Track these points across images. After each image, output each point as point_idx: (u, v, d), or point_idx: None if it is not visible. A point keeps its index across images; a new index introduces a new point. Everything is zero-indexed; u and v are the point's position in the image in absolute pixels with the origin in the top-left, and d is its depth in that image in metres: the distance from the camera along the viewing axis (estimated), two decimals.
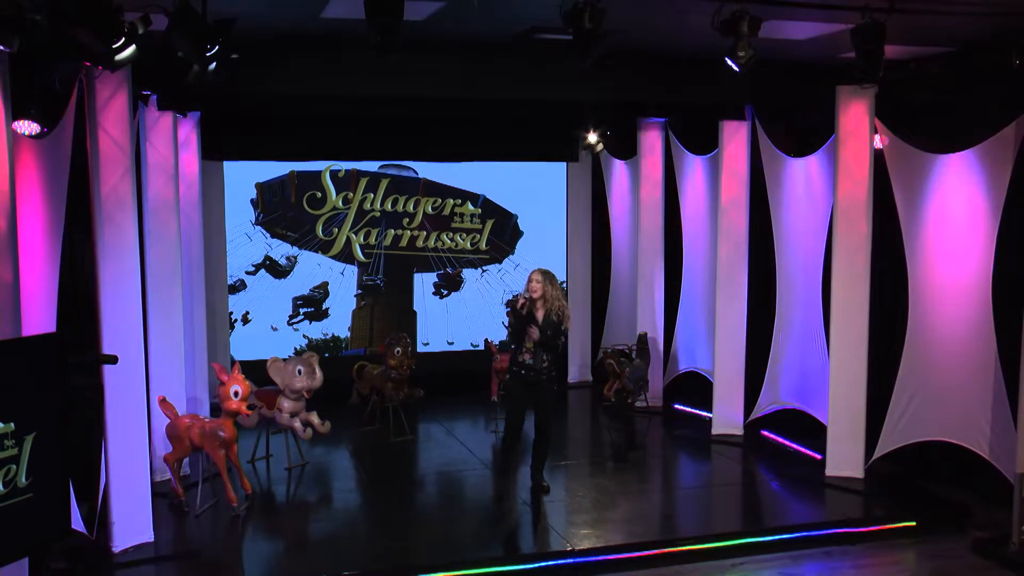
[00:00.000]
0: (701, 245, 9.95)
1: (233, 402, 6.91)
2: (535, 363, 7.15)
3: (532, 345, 7.16)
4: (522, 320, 7.11)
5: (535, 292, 7.13)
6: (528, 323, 7.09)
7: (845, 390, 7.65)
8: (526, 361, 7.18)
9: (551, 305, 7.15)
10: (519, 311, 7.12)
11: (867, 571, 6.42)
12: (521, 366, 7.21)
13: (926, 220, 7.37)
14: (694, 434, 9.26)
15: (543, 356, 7.18)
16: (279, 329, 11.12)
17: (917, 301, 7.47)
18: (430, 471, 8.47)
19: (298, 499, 7.65)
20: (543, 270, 7.28)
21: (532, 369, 7.19)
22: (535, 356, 7.17)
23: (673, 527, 7.00)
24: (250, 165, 10.80)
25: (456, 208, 11.51)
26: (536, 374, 7.20)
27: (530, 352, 7.18)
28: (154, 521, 6.43)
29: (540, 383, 7.24)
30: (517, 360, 7.25)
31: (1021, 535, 6.48)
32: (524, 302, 7.12)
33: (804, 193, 8.46)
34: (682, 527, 7.04)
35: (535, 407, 7.41)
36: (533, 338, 7.09)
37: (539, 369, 7.19)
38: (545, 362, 7.21)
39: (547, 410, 7.41)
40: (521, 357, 7.22)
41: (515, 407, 7.37)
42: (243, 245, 10.90)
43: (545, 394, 7.33)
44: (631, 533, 6.69)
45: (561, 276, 11.98)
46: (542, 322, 7.12)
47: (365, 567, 6.06)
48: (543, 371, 7.22)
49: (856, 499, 7.37)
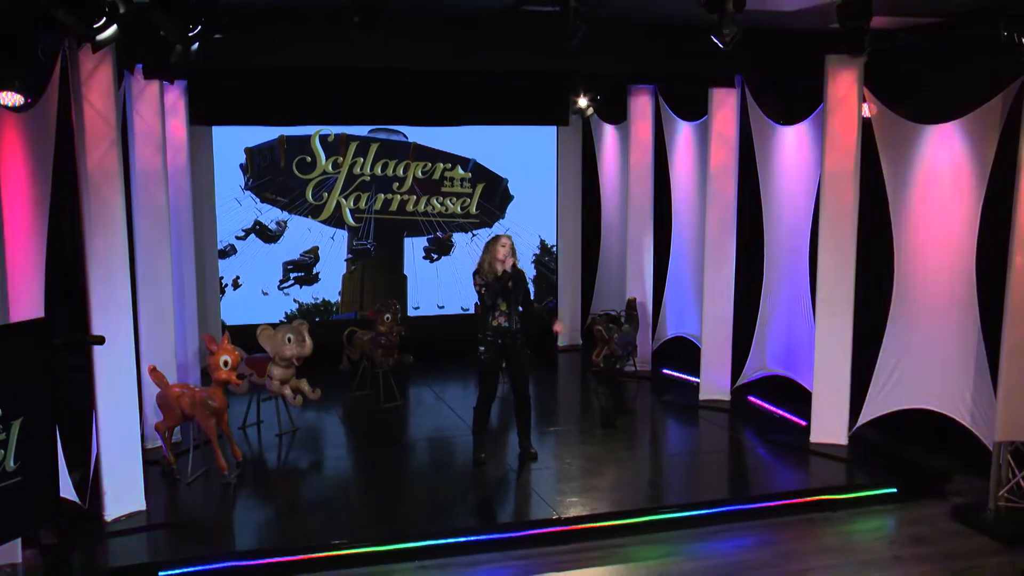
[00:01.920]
0: (690, 211, 9.97)
1: (223, 372, 6.96)
2: (510, 325, 7.21)
3: (505, 307, 7.21)
4: (502, 284, 7.12)
5: (509, 258, 7.15)
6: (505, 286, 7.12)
7: (830, 358, 7.72)
8: (502, 324, 7.23)
9: (516, 269, 7.22)
10: (502, 276, 7.13)
11: (847, 538, 6.53)
12: (496, 331, 7.25)
13: (913, 190, 7.39)
14: (682, 400, 9.34)
15: (516, 319, 7.25)
16: (270, 294, 11.15)
17: (902, 270, 7.51)
18: (420, 437, 8.57)
19: (289, 466, 7.75)
20: (508, 235, 7.34)
21: (508, 332, 7.24)
22: (509, 319, 7.23)
23: (658, 495, 7.09)
24: (239, 130, 10.75)
25: (446, 172, 11.49)
26: (512, 337, 7.26)
27: (504, 315, 7.23)
28: (146, 489, 6.50)
29: (516, 346, 7.31)
30: (491, 325, 7.27)
31: (998, 501, 6.60)
32: (514, 263, 7.14)
33: (793, 161, 8.47)
34: (667, 495, 7.14)
35: (511, 371, 7.48)
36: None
37: (514, 331, 7.26)
38: (518, 324, 7.28)
39: (523, 373, 7.47)
40: (495, 321, 7.25)
41: (491, 374, 7.43)
42: (233, 210, 10.89)
43: (520, 356, 7.40)
44: (617, 501, 6.78)
45: (551, 240, 12.02)
46: (513, 287, 7.16)
47: (354, 535, 6.14)
48: (518, 333, 7.29)
49: (839, 466, 7.45)
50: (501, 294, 7.16)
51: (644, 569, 6.06)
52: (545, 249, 12.02)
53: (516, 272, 7.19)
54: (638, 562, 6.16)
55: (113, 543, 5.96)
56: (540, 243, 12.01)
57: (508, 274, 7.11)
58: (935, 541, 6.41)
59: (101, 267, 6.02)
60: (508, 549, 6.25)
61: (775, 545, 6.40)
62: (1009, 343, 6.40)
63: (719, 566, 6.08)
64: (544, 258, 12.03)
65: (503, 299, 7.20)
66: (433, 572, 6.00)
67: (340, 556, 5.98)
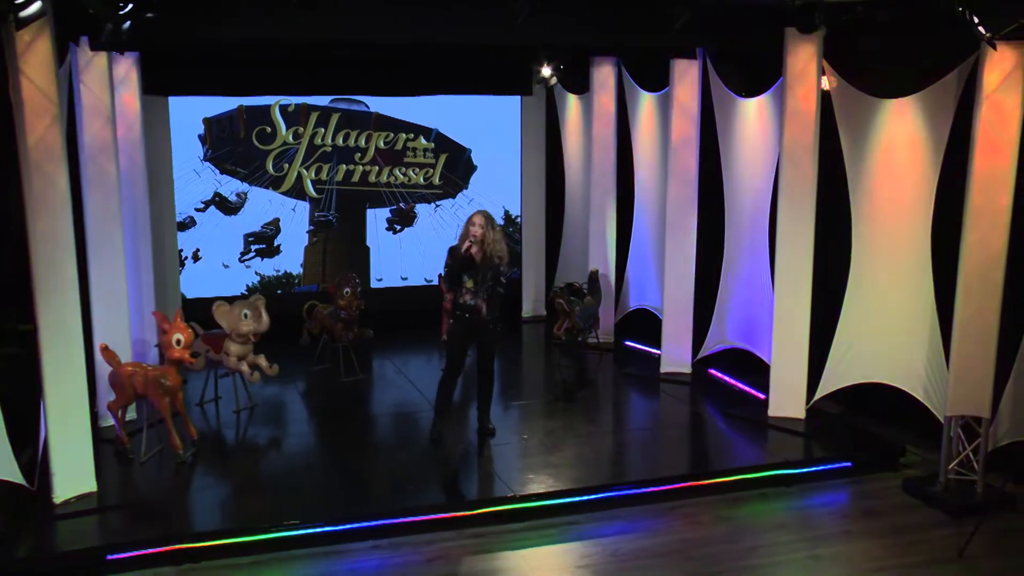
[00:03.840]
0: (653, 183, 9.93)
1: (176, 350, 6.88)
2: (476, 304, 7.16)
3: (473, 285, 7.16)
4: (461, 262, 7.08)
5: (476, 235, 7.10)
6: (465, 266, 7.07)
7: (788, 332, 7.74)
8: (468, 302, 7.19)
9: (491, 248, 7.14)
10: (461, 254, 7.09)
11: (800, 512, 6.59)
12: (464, 308, 7.21)
13: (871, 165, 7.36)
14: (643, 372, 9.35)
15: (484, 298, 7.20)
16: (230, 266, 11.03)
17: (860, 245, 7.51)
18: (378, 413, 8.54)
19: (247, 443, 7.69)
20: (484, 212, 7.26)
21: (475, 311, 7.20)
22: (476, 297, 7.18)
23: (616, 471, 7.10)
24: (197, 100, 10.56)
25: (409, 143, 11.37)
26: (478, 315, 7.22)
27: (471, 293, 7.18)
28: (98, 470, 6.43)
29: (483, 325, 7.27)
30: (459, 303, 7.25)
31: (948, 475, 6.67)
32: (469, 246, 7.08)
33: (754, 134, 8.43)
34: (626, 471, 7.14)
35: (478, 349, 7.45)
36: (473, 252, 7.06)
37: (481, 311, 7.22)
38: (487, 304, 7.23)
39: (490, 352, 7.46)
40: (462, 299, 7.22)
41: (458, 350, 7.41)
42: (192, 182, 10.72)
43: (488, 336, 7.37)
44: (574, 478, 6.78)
45: (515, 211, 11.94)
46: (480, 265, 7.11)
47: (308, 514, 6.11)
48: (485, 313, 7.25)
49: (796, 440, 7.50)
50: (467, 271, 7.11)
51: (599, 546, 6.08)
52: (509, 220, 11.95)
53: (488, 251, 7.11)
54: (594, 539, 6.17)
55: (62, 526, 5.89)
56: (504, 214, 11.92)
57: (469, 254, 7.04)
58: (886, 515, 6.48)
59: (46, 246, 5.88)
60: (463, 527, 6.25)
61: (730, 521, 6.43)
62: (961, 318, 6.43)
63: (673, 542, 6.12)
64: (508, 229, 11.96)
65: (469, 276, 7.15)
66: (386, 551, 5.99)
67: (293, 536, 5.94)
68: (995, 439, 6.66)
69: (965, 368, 6.50)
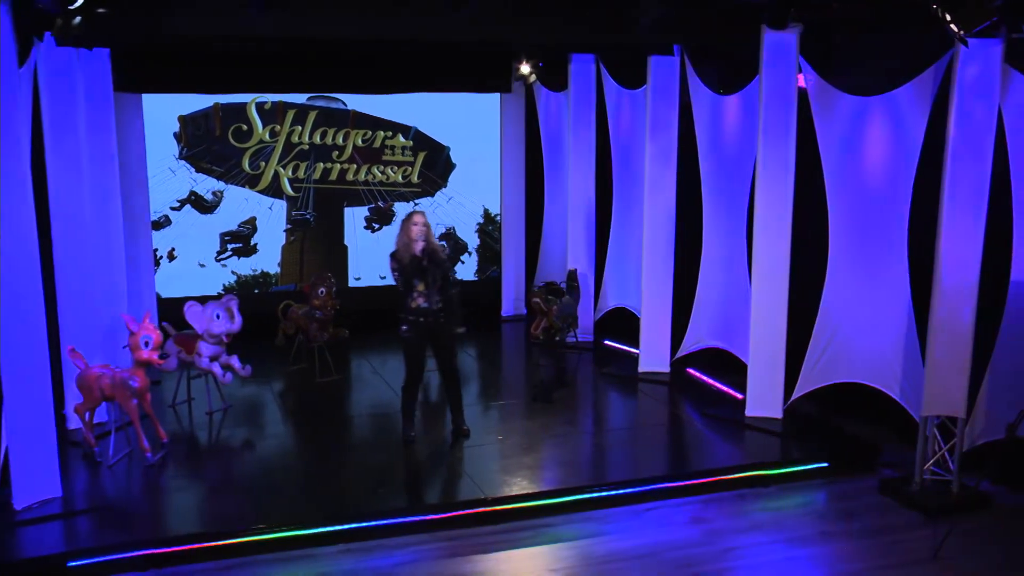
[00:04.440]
0: (631, 180, 9.85)
1: (144, 352, 6.78)
2: (430, 305, 7.09)
3: (424, 288, 7.08)
4: (412, 265, 6.99)
5: (422, 235, 7.02)
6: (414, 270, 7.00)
7: (765, 331, 7.69)
8: (421, 305, 7.11)
9: (432, 246, 7.07)
10: (413, 258, 7.00)
11: (777, 514, 6.52)
12: (417, 312, 7.12)
13: (848, 162, 7.31)
14: (621, 372, 9.28)
15: (436, 298, 7.12)
16: (207, 266, 10.90)
17: (838, 243, 7.46)
18: (352, 414, 8.42)
19: (218, 445, 7.59)
20: (422, 212, 7.22)
21: (428, 312, 7.12)
22: (429, 299, 7.09)
23: (591, 473, 7.00)
24: (171, 97, 10.43)
25: (387, 140, 11.26)
26: (433, 316, 7.14)
27: (423, 296, 7.10)
28: (64, 474, 6.33)
29: (438, 325, 7.20)
30: (410, 307, 7.15)
31: (924, 475, 6.63)
32: (420, 248, 6.99)
33: (731, 131, 8.37)
34: (601, 472, 7.04)
35: (436, 351, 7.38)
36: (425, 308, 7.09)
37: (436, 311, 7.13)
38: (439, 303, 7.15)
39: (449, 352, 7.41)
40: (414, 303, 7.13)
41: (416, 355, 7.33)
42: (167, 180, 10.59)
43: (444, 336, 7.31)
44: (547, 480, 6.72)
45: (495, 210, 11.86)
46: (429, 266, 7.03)
47: (277, 518, 6.03)
48: (439, 312, 7.17)
49: (773, 440, 7.44)
50: (417, 275, 7.02)
51: (572, 549, 6.01)
52: (489, 218, 11.86)
53: (432, 250, 7.04)
54: (567, 542, 6.11)
55: (24, 532, 5.77)
56: (484, 212, 11.84)
57: (420, 257, 6.97)
58: (862, 515, 6.43)
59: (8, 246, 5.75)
60: (435, 530, 6.17)
61: (706, 523, 6.37)
62: (936, 317, 6.38)
63: (647, 545, 6.05)
64: (488, 227, 11.88)
65: (420, 280, 7.06)
66: (358, 555, 5.90)
67: (262, 541, 5.85)
68: (971, 439, 6.62)
69: (940, 368, 6.44)
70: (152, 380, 8.66)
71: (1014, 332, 6.37)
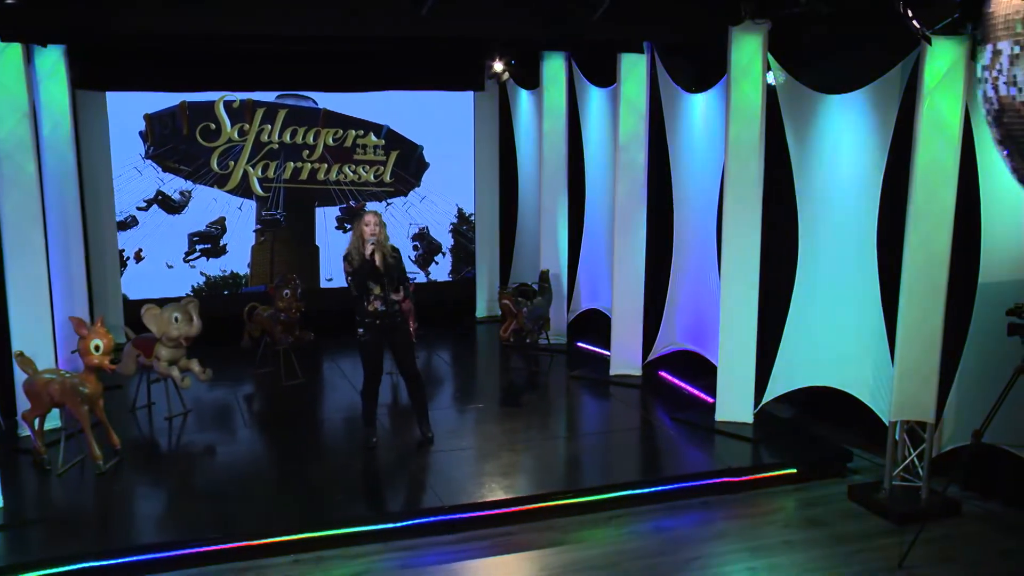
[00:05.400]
0: (603, 180, 9.69)
1: (94, 356, 6.59)
2: (387, 308, 6.94)
3: (380, 291, 6.93)
4: (366, 268, 6.84)
5: (375, 234, 6.85)
6: (368, 273, 6.84)
7: (734, 334, 7.53)
8: (378, 308, 6.96)
9: (385, 246, 6.93)
10: (366, 259, 6.84)
11: (742, 522, 6.37)
12: (374, 315, 6.97)
13: (817, 160, 7.16)
14: (592, 375, 9.11)
15: (392, 299, 6.97)
16: (175, 267, 10.72)
17: (807, 244, 7.31)
18: (315, 419, 8.18)
19: (173, 452, 7.41)
20: (375, 212, 7.05)
21: (385, 315, 6.98)
22: (385, 300, 6.95)
23: (554, 480, 6.81)
24: (136, 96, 10.24)
25: (359, 139, 11.09)
26: (391, 318, 7.01)
27: (380, 299, 6.95)
28: (5, 483, 6.14)
29: (396, 326, 7.08)
30: (367, 310, 6.98)
31: (892, 480, 6.48)
32: (372, 251, 6.84)
33: (701, 130, 8.22)
34: (566, 480, 6.86)
35: (394, 352, 7.25)
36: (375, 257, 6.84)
37: (392, 312, 7.00)
38: (396, 304, 7.01)
39: (407, 353, 7.26)
40: (371, 306, 6.97)
41: (372, 358, 7.18)
42: (133, 180, 10.41)
43: (402, 335, 7.18)
44: (509, 487, 6.55)
45: (469, 209, 11.69)
46: (382, 264, 6.87)
47: (226, 528, 5.86)
48: (396, 313, 7.04)
49: (742, 446, 7.28)
50: (371, 277, 6.87)
51: (530, 559, 5.86)
52: (463, 218, 11.70)
53: (385, 252, 6.88)
54: (525, 551, 5.95)
55: None
56: (458, 212, 11.68)
57: (371, 259, 6.81)
58: (829, 523, 6.29)
59: None
60: (390, 540, 6.01)
61: (668, 531, 6.23)
62: (904, 320, 6.24)
63: (608, 554, 5.90)
64: (462, 227, 11.71)
65: (375, 282, 6.91)
66: (308, 566, 5.74)
67: (209, 552, 5.68)
68: (939, 444, 6.48)
69: (909, 372, 6.31)
70: (114, 385, 8.57)
71: (982, 335, 6.21)
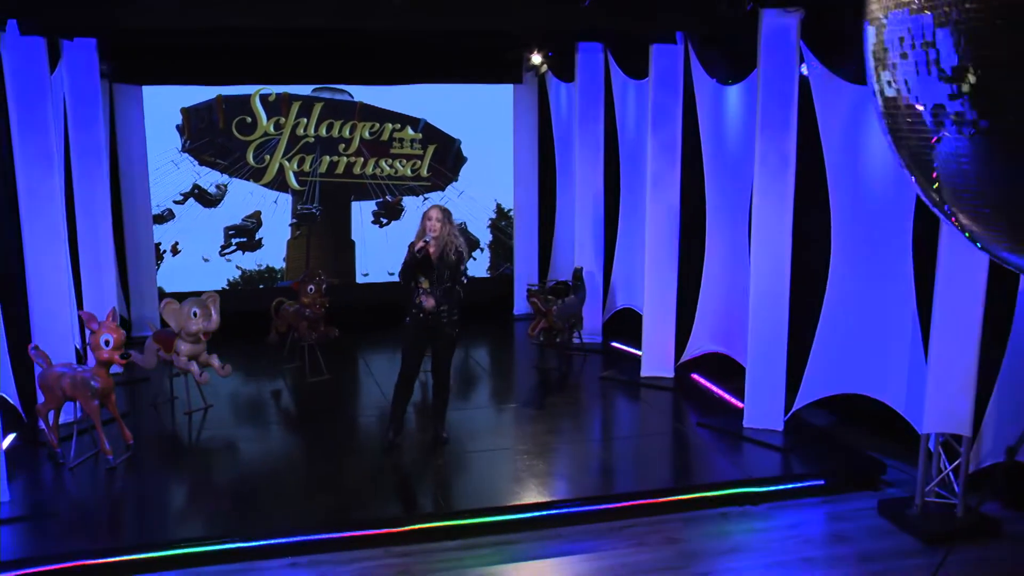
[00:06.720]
0: (639, 174, 9.38)
1: (105, 351, 6.56)
2: (435, 303, 6.75)
3: (428, 286, 6.76)
4: (415, 261, 6.68)
5: (434, 230, 6.70)
6: (420, 265, 6.68)
7: (764, 337, 7.18)
8: (423, 303, 6.78)
9: (447, 245, 6.73)
10: (415, 254, 6.70)
11: (760, 535, 6.03)
12: (420, 308, 6.81)
13: (852, 156, 6.77)
14: (622, 376, 8.81)
15: (441, 299, 6.78)
16: (211, 260, 10.74)
17: (840, 243, 6.92)
18: (335, 417, 7.98)
19: (187, 448, 7.36)
20: (440, 207, 6.85)
21: (430, 312, 6.79)
22: (432, 298, 6.77)
23: (564, 486, 6.54)
24: (173, 89, 10.27)
25: (395, 133, 10.96)
26: (435, 317, 6.80)
27: (427, 294, 6.77)
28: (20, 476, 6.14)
29: (440, 327, 6.86)
30: (415, 302, 6.84)
31: (925, 496, 6.08)
32: (423, 246, 6.67)
33: (735, 122, 7.87)
34: (575, 486, 6.54)
35: (433, 353, 7.05)
36: (427, 307, 6.72)
37: (438, 312, 6.80)
38: (444, 305, 6.80)
39: (445, 356, 7.05)
40: (418, 299, 6.81)
41: (412, 352, 7.01)
42: (169, 173, 10.45)
43: (443, 339, 6.95)
44: (519, 493, 6.33)
45: (507, 205, 11.48)
46: (437, 263, 6.70)
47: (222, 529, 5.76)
48: (442, 314, 6.82)
49: (769, 454, 6.92)
50: (422, 270, 6.70)
51: (532, 570, 5.64)
52: (502, 213, 11.49)
53: (444, 247, 6.70)
54: (529, 561, 5.73)
55: None
56: (496, 207, 11.48)
57: (421, 251, 6.64)
58: (855, 540, 5.93)
59: None
60: (389, 545, 5.84)
61: (682, 543, 5.93)
62: (939, 325, 5.84)
63: (614, 567, 5.63)
64: (501, 223, 11.51)
65: (424, 276, 6.74)
66: (304, 570, 5.61)
67: (202, 553, 5.59)
68: (977, 460, 6.05)
69: (943, 381, 5.90)
70: (141, 378, 8.60)
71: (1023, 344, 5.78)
